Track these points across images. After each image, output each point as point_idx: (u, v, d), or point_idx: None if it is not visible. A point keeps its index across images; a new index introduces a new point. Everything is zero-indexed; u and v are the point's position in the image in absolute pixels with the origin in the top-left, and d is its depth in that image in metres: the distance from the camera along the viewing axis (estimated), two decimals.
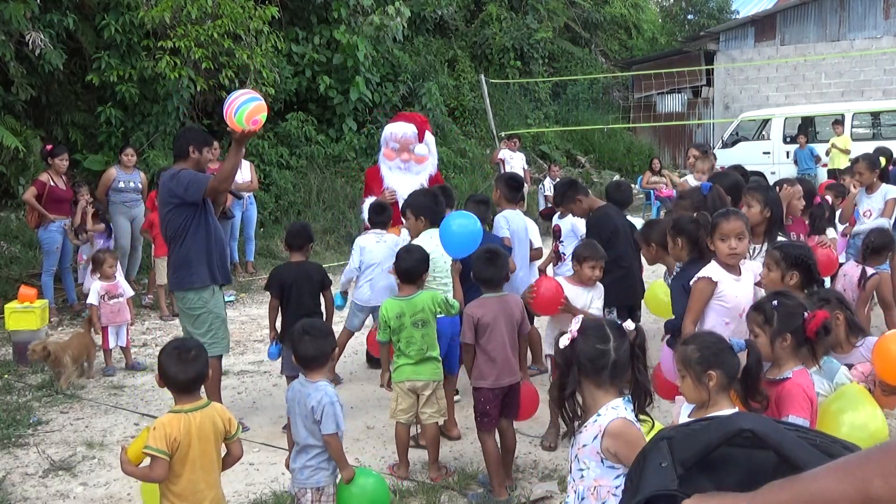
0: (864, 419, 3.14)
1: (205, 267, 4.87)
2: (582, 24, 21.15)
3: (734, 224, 3.70)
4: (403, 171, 6.44)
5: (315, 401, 3.24)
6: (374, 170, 6.65)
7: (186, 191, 4.75)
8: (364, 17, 12.97)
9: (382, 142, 6.64)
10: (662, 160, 16.28)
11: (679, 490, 1.24)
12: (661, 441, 1.32)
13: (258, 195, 10.55)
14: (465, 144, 15.16)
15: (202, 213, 4.87)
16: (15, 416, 5.30)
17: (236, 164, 4.82)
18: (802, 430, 1.29)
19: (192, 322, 4.91)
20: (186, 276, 4.87)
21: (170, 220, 4.91)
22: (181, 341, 3.21)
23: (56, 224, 7.92)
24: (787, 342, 2.96)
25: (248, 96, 4.57)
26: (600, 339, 2.45)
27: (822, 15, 18.67)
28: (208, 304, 4.90)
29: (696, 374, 2.66)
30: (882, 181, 6.67)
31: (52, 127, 10.38)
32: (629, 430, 2.36)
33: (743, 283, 3.74)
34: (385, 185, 6.41)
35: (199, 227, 4.87)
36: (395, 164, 6.46)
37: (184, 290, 4.92)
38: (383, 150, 6.58)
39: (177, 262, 4.92)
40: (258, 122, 4.53)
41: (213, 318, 4.92)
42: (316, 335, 3.36)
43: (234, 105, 4.48)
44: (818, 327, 2.92)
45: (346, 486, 3.34)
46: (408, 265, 4.33)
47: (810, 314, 2.96)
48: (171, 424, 2.90)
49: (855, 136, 14.36)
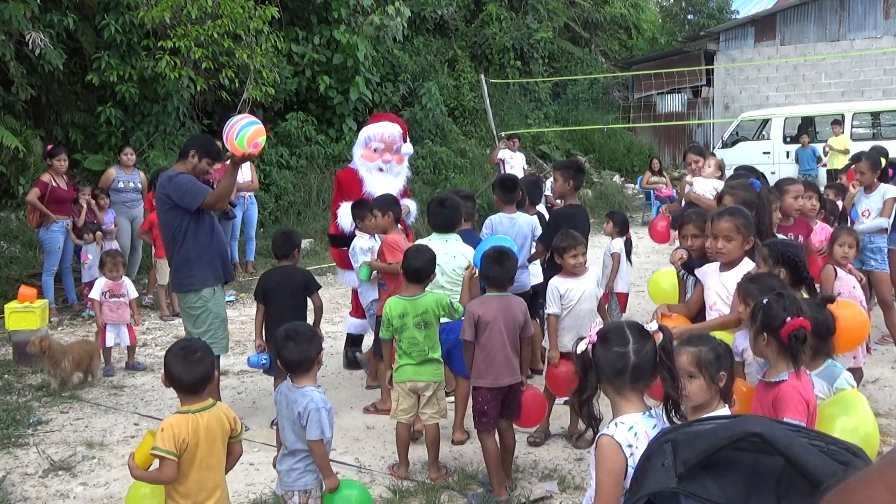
0: (855, 424, 3.16)
1: (204, 267, 4.91)
2: (582, 24, 21.15)
3: (720, 225, 3.89)
4: (384, 174, 6.13)
5: (301, 406, 3.22)
6: (350, 172, 6.24)
7: (182, 198, 4.83)
8: (364, 17, 12.97)
9: (361, 143, 6.25)
10: (662, 160, 16.27)
11: (679, 488, 1.24)
12: (666, 443, 1.32)
13: (258, 195, 10.55)
14: (465, 144, 15.16)
15: (200, 213, 4.91)
16: (15, 416, 5.30)
17: (232, 185, 4.94)
18: (812, 435, 1.28)
19: (192, 322, 4.95)
20: (186, 276, 4.92)
21: (167, 221, 4.95)
22: (187, 342, 3.20)
23: (58, 224, 7.93)
24: (765, 341, 2.99)
25: (249, 120, 4.75)
26: (619, 342, 2.32)
27: (822, 15, 18.67)
28: (209, 303, 4.93)
29: (711, 374, 2.68)
30: (881, 181, 6.67)
31: (52, 127, 10.38)
32: (608, 452, 2.22)
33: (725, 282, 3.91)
34: (366, 192, 6.00)
35: (198, 228, 4.91)
36: (376, 165, 6.12)
37: (184, 290, 4.98)
38: (362, 151, 6.19)
39: (177, 262, 4.96)
40: (258, 145, 4.72)
41: (213, 317, 4.96)
42: (300, 340, 3.32)
43: (236, 128, 4.65)
44: (789, 333, 2.91)
45: (330, 496, 3.31)
46: (418, 265, 4.30)
47: (790, 320, 2.93)
48: (180, 425, 2.90)
49: (855, 136, 14.36)
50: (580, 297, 4.58)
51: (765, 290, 3.23)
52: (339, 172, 6.54)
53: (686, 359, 2.69)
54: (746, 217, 3.97)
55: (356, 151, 6.27)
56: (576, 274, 4.61)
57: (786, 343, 2.93)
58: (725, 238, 3.86)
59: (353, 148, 6.41)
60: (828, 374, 3.42)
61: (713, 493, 1.22)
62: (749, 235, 3.93)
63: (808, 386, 2.99)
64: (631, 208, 15.59)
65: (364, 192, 5.98)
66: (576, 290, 4.58)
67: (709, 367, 2.67)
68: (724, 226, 3.87)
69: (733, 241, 3.86)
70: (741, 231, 3.88)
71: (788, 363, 2.96)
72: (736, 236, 3.86)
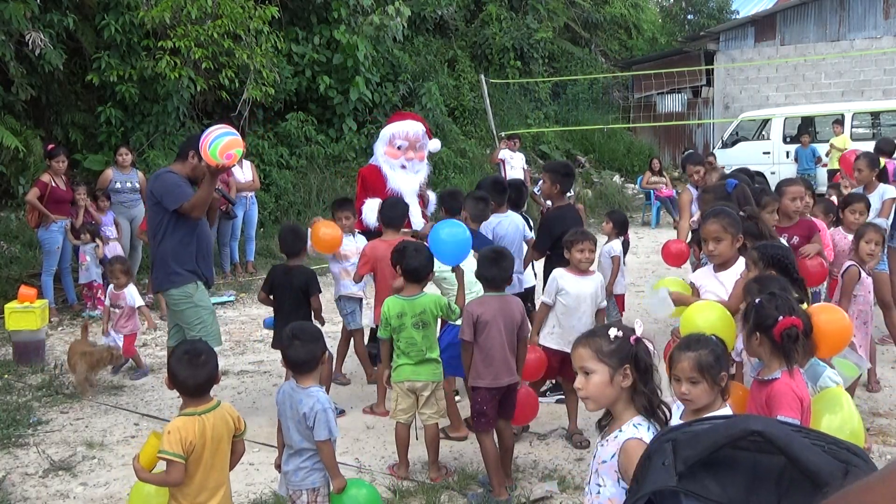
0: (840, 422, 3.18)
1: (181, 264, 4.87)
2: (582, 24, 21.15)
3: (707, 228, 4.03)
4: (406, 171, 6.26)
5: (307, 407, 3.21)
6: (373, 169, 6.35)
7: (163, 197, 4.81)
8: (364, 17, 12.97)
9: (384, 140, 6.35)
10: (662, 160, 16.27)
11: (679, 486, 1.24)
12: (666, 443, 1.32)
13: (258, 195, 10.55)
14: (465, 144, 15.16)
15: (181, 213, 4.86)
16: (15, 416, 5.29)
17: (209, 196, 4.86)
18: (813, 435, 1.28)
19: (180, 317, 4.94)
20: (164, 274, 4.90)
21: (151, 217, 4.97)
22: (190, 345, 3.18)
23: (57, 224, 7.93)
24: (758, 340, 3.03)
25: (223, 131, 4.64)
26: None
27: (822, 15, 18.66)
28: (193, 297, 4.91)
29: (713, 377, 2.69)
30: (880, 181, 6.67)
31: (52, 127, 10.38)
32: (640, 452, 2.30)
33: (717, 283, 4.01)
34: (390, 189, 6.15)
35: (177, 227, 4.87)
36: (399, 162, 6.24)
37: (164, 289, 4.95)
38: (385, 148, 6.31)
39: (155, 260, 4.97)
40: (232, 156, 4.60)
41: (201, 309, 4.93)
42: (306, 339, 3.32)
43: (209, 139, 4.57)
44: (781, 332, 2.94)
45: (338, 497, 3.30)
46: (416, 264, 4.30)
47: (782, 319, 2.97)
48: (186, 427, 2.89)
49: (855, 136, 14.35)
50: (578, 293, 4.60)
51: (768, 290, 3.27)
52: (363, 169, 6.65)
53: (687, 365, 2.69)
54: (731, 216, 4.09)
55: (379, 148, 6.38)
56: (581, 271, 4.65)
57: (778, 342, 2.96)
58: (715, 240, 4.01)
59: (376, 145, 6.52)
60: (811, 372, 3.45)
61: (714, 492, 1.22)
62: (738, 233, 4.05)
63: (802, 384, 3.02)
64: (631, 208, 15.60)
65: (388, 189, 6.12)
66: (575, 286, 4.62)
67: (710, 371, 2.68)
68: (710, 228, 4.03)
69: (723, 241, 4.00)
70: (728, 230, 4.01)
71: (781, 362, 2.98)
72: (724, 235, 4.00)
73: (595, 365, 2.36)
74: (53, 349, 6.95)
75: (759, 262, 3.77)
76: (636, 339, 2.42)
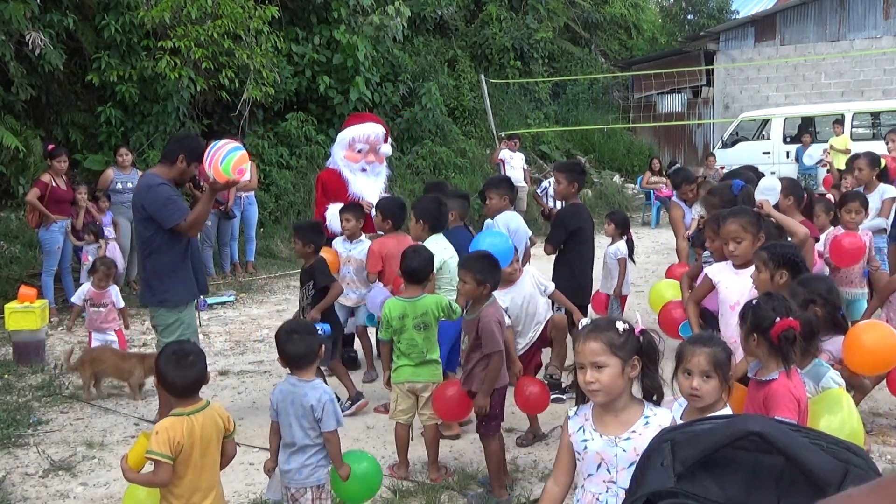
0: (839, 422, 3.18)
1: (178, 283, 4.66)
2: (582, 24, 21.14)
3: (727, 228, 3.97)
4: (367, 174, 6.16)
5: (314, 399, 3.23)
6: (332, 173, 6.23)
7: (157, 212, 4.55)
8: (364, 17, 12.96)
9: (343, 144, 6.23)
10: (662, 160, 16.27)
11: (677, 487, 1.24)
12: (665, 443, 1.32)
13: (258, 195, 10.55)
14: (465, 144, 15.15)
15: None
16: (15, 416, 5.29)
17: (207, 212, 4.74)
18: (813, 435, 1.28)
19: (161, 332, 4.70)
20: (160, 291, 4.64)
21: (140, 230, 4.71)
22: (178, 346, 3.19)
23: (57, 224, 7.93)
24: (755, 341, 3.03)
25: (233, 146, 4.58)
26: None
27: (821, 15, 18.66)
28: (182, 314, 4.71)
29: (724, 374, 2.72)
30: (880, 180, 6.66)
31: (52, 127, 10.38)
32: None
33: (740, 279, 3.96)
34: (352, 194, 6.07)
35: (173, 242, 4.64)
36: (359, 166, 6.14)
37: (155, 305, 4.69)
38: (345, 152, 6.18)
39: (148, 275, 4.70)
40: (243, 171, 4.54)
41: (185, 328, 4.70)
42: (303, 332, 3.37)
43: (221, 154, 4.47)
44: (779, 334, 2.94)
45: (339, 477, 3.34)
46: (415, 265, 4.30)
47: (780, 320, 2.97)
48: (175, 428, 2.89)
49: (855, 136, 14.35)
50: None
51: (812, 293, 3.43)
52: (322, 174, 6.52)
53: (704, 359, 2.73)
54: (750, 214, 4.02)
55: (337, 152, 6.27)
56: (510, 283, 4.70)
57: (775, 343, 2.96)
58: (734, 240, 3.93)
59: (333, 148, 6.40)
60: (814, 373, 3.45)
61: (712, 493, 1.22)
62: (759, 232, 3.97)
63: (800, 385, 3.02)
64: (631, 208, 15.60)
65: (350, 194, 6.05)
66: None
67: (723, 367, 2.72)
68: (730, 228, 3.95)
69: (743, 240, 3.92)
70: (748, 229, 3.94)
71: (779, 362, 2.98)
72: (745, 235, 3.93)
73: (608, 359, 2.36)
74: (53, 349, 6.95)
75: (770, 263, 3.73)
76: (641, 330, 2.44)
